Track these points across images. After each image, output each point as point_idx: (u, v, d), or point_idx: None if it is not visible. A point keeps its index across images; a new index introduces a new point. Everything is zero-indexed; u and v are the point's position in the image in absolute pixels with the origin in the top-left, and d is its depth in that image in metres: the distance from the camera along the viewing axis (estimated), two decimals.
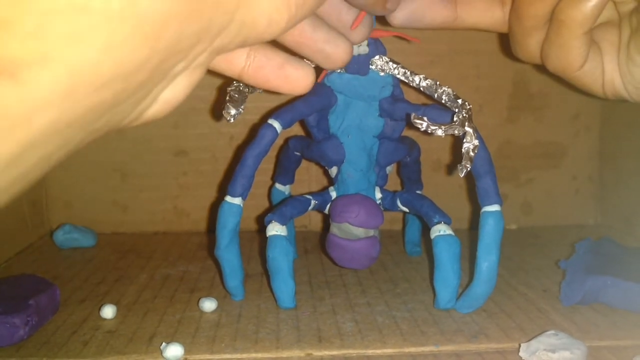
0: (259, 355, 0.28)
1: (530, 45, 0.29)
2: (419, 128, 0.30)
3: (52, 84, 0.12)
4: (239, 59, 0.22)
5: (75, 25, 0.12)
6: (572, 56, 0.28)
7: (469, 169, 0.30)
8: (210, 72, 0.47)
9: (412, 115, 0.30)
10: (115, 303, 0.34)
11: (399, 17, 0.29)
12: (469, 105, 0.31)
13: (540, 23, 0.28)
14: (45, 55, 0.11)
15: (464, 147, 0.30)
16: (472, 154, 0.30)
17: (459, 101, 0.31)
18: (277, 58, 0.22)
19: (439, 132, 0.30)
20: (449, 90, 0.32)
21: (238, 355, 0.28)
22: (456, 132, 0.30)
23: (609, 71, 0.28)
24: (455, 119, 0.30)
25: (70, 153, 0.15)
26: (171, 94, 0.17)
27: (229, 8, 0.15)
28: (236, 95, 0.31)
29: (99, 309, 0.33)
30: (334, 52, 0.24)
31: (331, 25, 0.24)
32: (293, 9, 0.17)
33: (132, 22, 0.13)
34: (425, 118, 0.30)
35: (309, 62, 0.24)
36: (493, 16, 0.30)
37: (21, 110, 0.12)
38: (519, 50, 0.30)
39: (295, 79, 0.23)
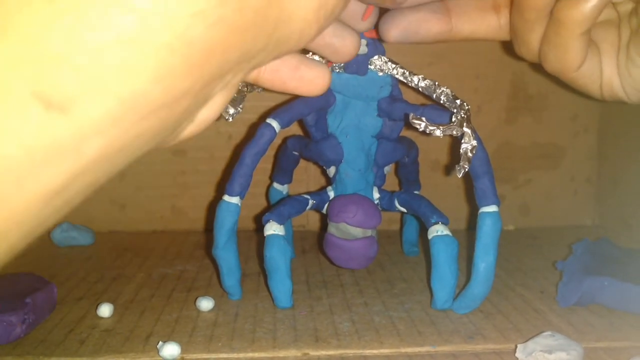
0: (256, 354, 0.28)
1: (532, 41, 0.28)
2: (417, 128, 0.30)
3: (102, 115, 0.12)
4: None
5: (124, 57, 0.12)
6: (570, 56, 0.27)
7: (466, 169, 0.30)
8: None
9: (411, 115, 0.30)
10: (113, 302, 0.34)
11: (393, 33, 0.29)
12: (467, 105, 0.31)
13: (542, 16, 0.27)
14: (97, 87, 0.12)
15: (462, 147, 0.30)
16: (470, 154, 0.30)
17: (458, 102, 0.31)
18: (291, 60, 0.22)
19: (437, 133, 0.30)
20: (448, 90, 0.32)
21: (235, 355, 0.28)
22: (454, 132, 0.30)
23: (607, 72, 0.28)
24: (453, 119, 0.30)
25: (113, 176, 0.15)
26: (207, 113, 0.18)
27: (268, 31, 0.15)
28: (235, 95, 0.31)
29: (96, 308, 0.33)
30: (342, 45, 0.25)
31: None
32: (322, 21, 0.17)
33: (180, 52, 0.13)
34: (423, 118, 0.30)
35: (323, 61, 0.24)
36: (488, 25, 0.30)
37: (72, 141, 0.12)
38: (521, 47, 0.30)
39: (310, 80, 0.23)
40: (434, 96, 0.32)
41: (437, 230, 0.33)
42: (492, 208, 0.32)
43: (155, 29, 0.12)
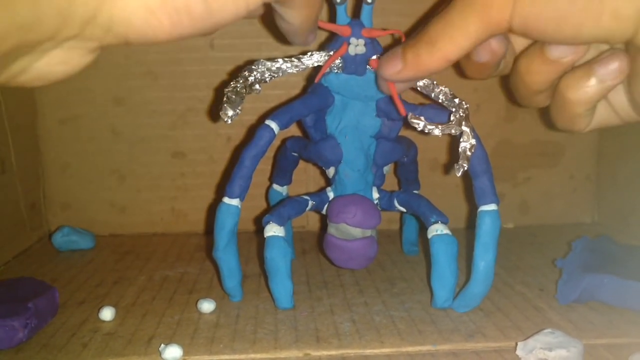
0: (257, 355, 0.29)
1: (538, 100, 0.29)
2: (415, 128, 0.30)
3: None
4: None
5: None
6: (577, 125, 0.28)
7: (465, 168, 0.30)
8: (206, 74, 0.47)
9: (409, 114, 0.30)
10: (114, 305, 0.34)
11: (401, 87, 0.31)
12: (466, 104, 0.31)
13: (546, 87, 0.28)
14: None
15: (460, 146, 0.30)
16: (468, 153, 0.30)
17: (456, 100, 0.31)
18: None
19: (436, 132, 0.30)
20: (446, 89, 0.32)
21: (236, 356, 0.29)
22: (453, 131, 0.30)
23: (619, 104, 0.28)
24: (452, 118, 0.30)
25: None
26: (45, 67, 0.19)
27: (90, 3, 0.17)
28: (233, 97, 0.31)
29: (98, 311, 0.33)
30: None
31: None
32: (172, 12, 0.18)
33: None
34: (422, 117, 0.30)
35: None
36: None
37: None
38: (525, 103, 0.30)
39: None
40: (433, 95, 0.32)
41: (437, 230, 0.33)
42: (492, 206, 0.32)
43: None
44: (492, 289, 0.32)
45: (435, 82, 0.32)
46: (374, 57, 0.34)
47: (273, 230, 0.33)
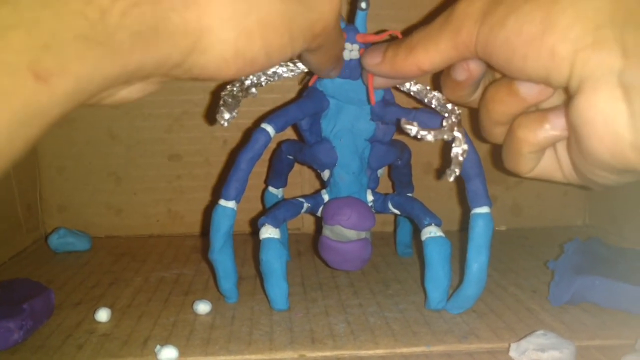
0: (253, 356, 0.29)
1: (496, 134, 0.30)
2: (408, 133, 0.30)
3: (68, 86, 0.17)
4: None
5: (81, 50, 0.17)
6: (520, 166, 0.28)
7: (457, 173, 0.30)
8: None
9: (402, 120, 0.30)
10: (110, 306, 0.34)
11: (377, 84, 0.33)
12: (458, 110, 0.31)
13: (505, 119, 0.28)
14: (66, 68, 0.17)
15: (452, 151, 0.30)
16: (460, 158, 0.30)
17: (449, 106, 0.31)
18: None
19: (429, 138, 0.30)
20: (439, 95, 0.32)
21: (232, 357, 0.29)
22: (445, 137, 0.30)
23: (566, 168, 0.28)
24: (444, 124, 0.31)
25: None
26: (127, 94, 0.22)
27: (183, 52, 0.20)
28: (230, 100, 0.31)
29: (94, 313, 0.33)
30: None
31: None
32: (240, 63, 0.22)
33: (111, 54, 0.18)
34: (415, 123, 0.30)
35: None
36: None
37: (47, 104, 0.17)
38: (485, 135, 0.31)
39: None
40: (426, 100, 0.33)
41: (430, 232, 0.33)
42: (484, 209, 0.32)
43: (100, 33, 0.17)
44: (485, 291, 0.33)
45: (428, 88, 0.33)
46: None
47: (268, 232, 0.33)
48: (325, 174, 0.38)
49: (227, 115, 0.30)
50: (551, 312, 0.34)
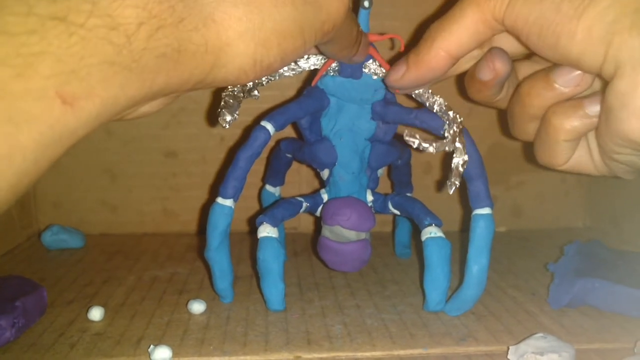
0: (248, 357, 0.28)
1: (529, 130, 0.30)
2: (411, 145, 0.30)
3: (93, 109, 0.18)
4: None
5: (107, 74, 0.18)
6: (556, 156, 0.29)
7: (457, 185, 0.30)
8: None
9: (405, 132, 0.30)
10: (103, 305, 0.34)
11: (398, 89, 0.33)
12: (460, 118, 0.31)
13: (541, 113, 0.28)
14: (92, 90, 0.17)
15: (453, 162, 0.30)
16: (461, 169, 0.30)
17: (450, 114, 0.31)
18: None
19: (431, 150, 0.30)
20: (441, 100, 0.32)
21: (227, 358, 0.28)
22: (447, 148, 0.30)
23: (597, 159, 0.29)
24: (446, 135, 0.30)
25: None
26: (148, 108, 0.24)
27: (205, 69, 0.21)
28: (231, 101, 0.31)
29: (87, 311, 0.33)
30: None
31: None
32: (258, 72, 0.23)
33: (137, 75, 0.19)
34: (417, 135, 0.30)
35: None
36: (473, 58, 0.31)
37: (74, 126, 0.18)
38: (517, 133, 0.31)
39: None
40: (427, 104, 0.32)
41: (431, 232, 0.33)
42: (486, 210, 0.32)
43: (126, 58, 0.18)
44: (484, 293, 0.32)
45: (430, 92, 0.32)
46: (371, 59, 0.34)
47: (266, 231, 0.33)
48: (325, 174, 0.37)
49: (228, 117, 0.30)
50: (550, 314, 0.33)
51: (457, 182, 0.30)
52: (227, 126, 0.30)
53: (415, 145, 0.30)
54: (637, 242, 0.44)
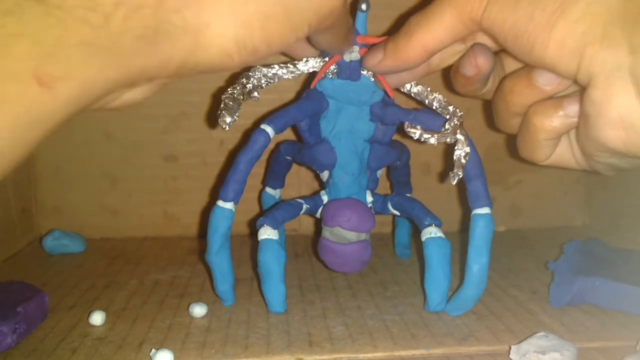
0: None
1: (512, 125, 0.31)
2: (412, 137, 0.30)
3: (71, 91, 0.17)
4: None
5: (85, 56, 0.17)
6: (536, 153, 0.29)
7: (460, 176, 0.30)
8: (199, 78, 0.47)
9: (406, 124, 0.30)
10: (105, 309, 0.34)
11: (390, 82, 0.34)
12: (460, 112, 0.31)
13: (523, 110, 0.29)
14: (70, 73, 0.17)
15: (455, 154, 0.30)
16: (463, 161, 0.30)
17: (450, 108, 0.31)
18: None
19: (432, 141, 0.30)
20: (440, 97, 0.32)
21: None
22: (448, 140, 0.30)
23: (578, 155, 0.29)
24: (447, 126, 0.30)
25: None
26: (131, 96, 0.22)
27: (185, 51, 0.20)
28: (231, 103, 0.31)
29: (88, 316, 0.33)
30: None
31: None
32: (243, 54, 0.22)
33: (115, 59, 0.18)
34: (418, 127, 0.30)
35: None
36: (457, 52, 0.32)
37: (51, 109, 0.17)
38: (501, 126, 0.32)
39: None
40: (427, 102, 0.32)
41: (430, 233, 0.33)
42: (485, 210, 0.32)
43: (104, 39, 0.18)
44: (485, 293, 0.32)
45: (429, 89, 0.33)
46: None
47: (267, 233, 0.33)
48: (325, 175, 0.37)
49: (228, 119, 0.30)
50: (551, 313, 0.33)
51: (460, 173, 0.30)
52: (227, 128, 0.30)
53: (416, 137, 0.30)
54: (636, 240, 0.44)
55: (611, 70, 0.23)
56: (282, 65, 0.34)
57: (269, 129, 0.33)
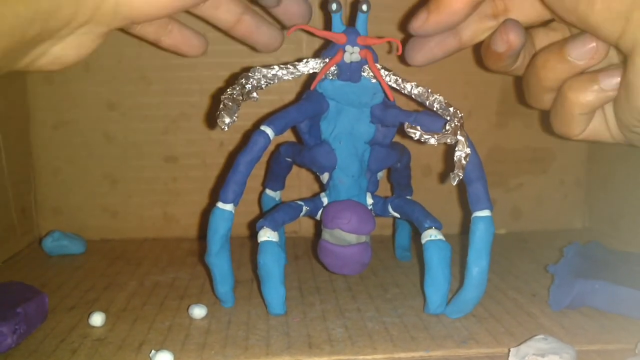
0: None
1: (545, 100, 0.30)
2: (412, 137, 0.30)
3: None
4: (228, 14, 0.33)
5: None
6: (571, 127, 0.29)
7: (461, 177, 0.30)
8: (199, 79, 0.48)
9: (406, 124, 0.30)
10: (105, 310, 0.34)
11: (418, 59, 0.34)
12: (460, 113, 0.31)
13: (556, 85, 0.29)
14: None
15: (455, 155, 0.30)
16: (463, 162, 0.30)
17: (451, 109, 0.31)
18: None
19: (432, 141, 0.30)
20: (441, 98, 0.32)
21: None
22: (449, 140, 0.30)
23: (613, 129, 0.29)
24: (447, 127, 0.30)
25: None
26: (61, 51, 0.21)
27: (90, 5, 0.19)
28: (230, 104, 0.31)
29: (88, 317, 0.33)
30: (271, 43, 0.37)
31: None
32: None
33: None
34: (418, 127, 0.30)
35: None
36: (488, 28, 0.32)
37: None
38: (532, 102, 0.32)
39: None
40: (427, 103, 0.32)
41: (431, 235, 0.33)
42: (485, 212, 0.32)
43: None
44: (485, 295, 0.32)
45: (429, 90, 0.33)
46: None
47: (267, 235, 0.33)
48: (325, 177, 0.37)
49: (227, 120, 0.30)
50: (551, 316, 0.33)
51: (460, 174, 0.30)
52: (226, 128, 0.30)
53: (416, 137, 0.30)
54: (636, 243, 0.44)
55: None
56: (282, 66, 0.35)
57: (268, 130, 0.33)
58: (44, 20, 0.19)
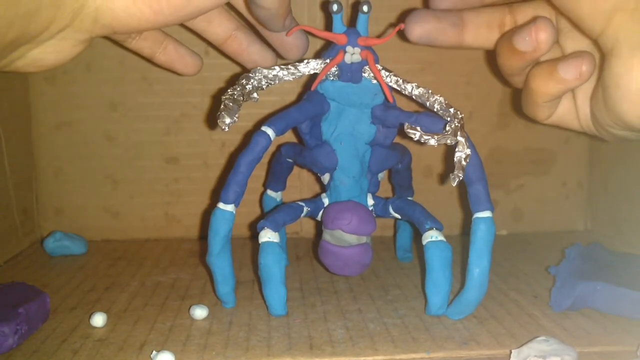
0: None
1: (516, 83, 0.31)
2: (412, 138, 0.30)
3: None
4: (220, 28, 0.33)
5: None
6: (537, 113, 0.30)
7: (461, 178, 0.30)
8: (201, 80, 0.48)
9: (406, 125, 0.30)
10: (106, 311, 0.34)
11: (416, 33, 0.33)
12: (461, 114, 0.31)
13: (515, 72, 0.30)
14: None
15: (456, 156, 0.30)
16: (464, 163, 0.30)
17: (451, 110, 0.31)
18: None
19: (432, 142, 0.30)
20: (441, 99, 0.32)
21: None
22: (449, 141, 0.30)
23: (583, 114, 0.29)
24: (447, 128, 0.30)
25: None
26: (40, 55, 0.21)
27: (71, 7, 0.19)
28: (230, 104, 0.31)
29: (89, 317, 0.33)
30: (262, 63, 0.37)
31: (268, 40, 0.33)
32: (155, 5, 0.20)
33: None
34: (418, 128, 0.30)
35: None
36: (493, 39, 0.32)
37: None
38: (508, 80, 0.32)
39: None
40: (428, 104, 0.32)
41: (432, 236, 0.33)
42: (486, 213, 0.32)
43: None
44: (486, 296, 0.32)
45: (430, 91, 0.32)
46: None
47: (268, 236, 0.33)
48: (325, 178, 0.37)
49: (227, 120, 0.30)
50: (552, 317, 0.33)
51: (460, 175, 0.30)
52: (227, 129, 0.30)
53: (416, 138, 0.30)
54: (638, 245, 0.44)
55: (637, 42, 0.22)
56: (282, 66, 0.35)
57: (269, 131, 0.33)
58: (23, 23, 0.18)
